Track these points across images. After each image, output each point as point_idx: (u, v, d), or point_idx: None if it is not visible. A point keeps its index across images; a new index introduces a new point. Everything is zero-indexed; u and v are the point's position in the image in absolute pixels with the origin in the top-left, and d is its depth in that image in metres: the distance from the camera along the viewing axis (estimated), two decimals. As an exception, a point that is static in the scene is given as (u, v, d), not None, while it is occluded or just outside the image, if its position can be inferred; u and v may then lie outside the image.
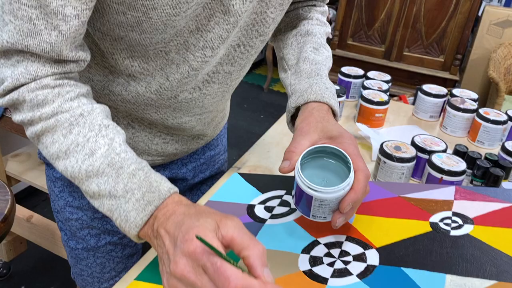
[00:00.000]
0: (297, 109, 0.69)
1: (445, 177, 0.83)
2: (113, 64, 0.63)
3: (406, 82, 3.11)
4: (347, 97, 1.24)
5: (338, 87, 1.15)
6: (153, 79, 0.63)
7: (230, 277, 0.41)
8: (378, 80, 1.22)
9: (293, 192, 0.60)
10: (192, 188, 0.92)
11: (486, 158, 0.89)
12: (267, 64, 3.66)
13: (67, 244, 0.85)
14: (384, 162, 0.88)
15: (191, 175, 0.89)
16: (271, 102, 3.53)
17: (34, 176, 1.62)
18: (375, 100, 1.09)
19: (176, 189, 0.52)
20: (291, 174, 0.62)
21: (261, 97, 3.62)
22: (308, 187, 0.55)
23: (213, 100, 0.72)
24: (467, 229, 0.58)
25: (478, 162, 0.86)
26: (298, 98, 0.68)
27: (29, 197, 2.07)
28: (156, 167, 0.82)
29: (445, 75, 3.01)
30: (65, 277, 1.71)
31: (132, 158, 0.53)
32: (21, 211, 1.57)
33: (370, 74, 1.26)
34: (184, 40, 0.59)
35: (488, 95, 2.80)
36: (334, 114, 0.68)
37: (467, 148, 0.92)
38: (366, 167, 0.56)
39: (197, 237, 0.43)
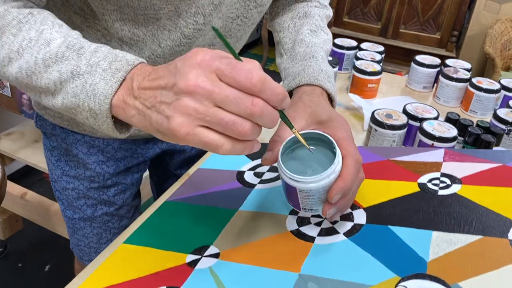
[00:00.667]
0: (290, 93, 0.64)
1: (436, 144, 0.83)
2: (105, 26, 0.62)
3: (403, 60, 3.09)
4: (340, 69, 1.23)
5: (331, 58, 1.14)
6: (145, 45, 0.62)
7: (251, 69, 0.38)
8: (371, 51, 1.21)
9: (282, 186, 0.55)
10: (189, 162, 0.92)
11: (477, 125, 0.89)
12: (262, 43, 3.62)
13: (64, 214, 0.86)
14: (375, 130, 0.87)
15: (189, 147, 0.89)
16: (267, 82, 3.50)
17: (28, 154, 1.61)
18: (368, 70, 1.08)
19: (144, 61, 0.48)
20: None
21: (257, 77, 3.59)
22: (290, 178, 0.50)
23: None
24: (455, 188, 0.57)
25: (469, 129, 0.85)
26: (290, 82, 0.63)
27: (24, 177, 2.07)
28: (154, 139, 0.82)
29: (442, 52, 2.99)
30: (61, 255, 1.72)
31: (92, 43, 0.48)
32: (15, 189, 1.57)
33: (363, 45, 1.25)
34: (175, 7, 0.58)
35: (485, 71, 2.79)
36: (331, 98, 0.63)
37: (458, 116, 0.92)
38: (357, 151, 0.52)
39: (213, 28, 0.40)
